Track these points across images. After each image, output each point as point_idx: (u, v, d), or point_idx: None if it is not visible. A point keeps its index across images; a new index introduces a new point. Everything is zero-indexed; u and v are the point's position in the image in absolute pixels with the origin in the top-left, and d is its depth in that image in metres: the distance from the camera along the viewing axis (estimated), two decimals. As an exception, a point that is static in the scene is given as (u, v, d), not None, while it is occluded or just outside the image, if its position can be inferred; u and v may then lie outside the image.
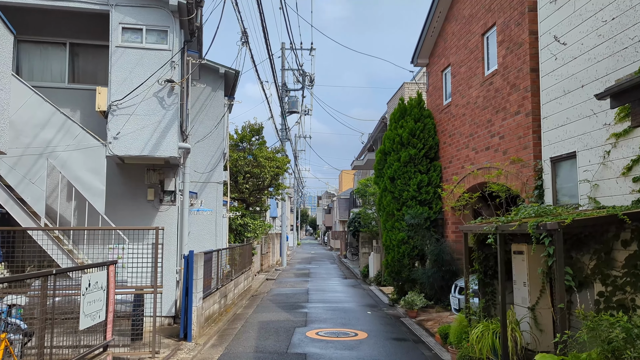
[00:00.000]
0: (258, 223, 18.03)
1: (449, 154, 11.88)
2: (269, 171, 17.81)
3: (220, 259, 11.92)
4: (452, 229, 11.86)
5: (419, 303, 11.40)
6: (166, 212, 10.17)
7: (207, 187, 14.09)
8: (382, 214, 13.14)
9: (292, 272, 24.40)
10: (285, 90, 28.84)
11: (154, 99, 9.26)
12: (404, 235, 12.12)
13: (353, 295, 15.51)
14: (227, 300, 12.17)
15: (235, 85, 15.19)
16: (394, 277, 12.71)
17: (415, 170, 12.35)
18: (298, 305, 13.25)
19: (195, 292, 8.81)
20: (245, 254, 16.67)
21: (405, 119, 12.70)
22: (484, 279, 7.19)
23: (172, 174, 10.15)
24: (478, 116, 10.24)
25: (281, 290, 16.67)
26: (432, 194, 12.19)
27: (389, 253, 12.71)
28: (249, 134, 18.53)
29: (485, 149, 9.89)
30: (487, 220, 6.94)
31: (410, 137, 12.43)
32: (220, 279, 12.00)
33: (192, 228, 13.68)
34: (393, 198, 12.57)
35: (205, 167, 14.12)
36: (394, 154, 12.63)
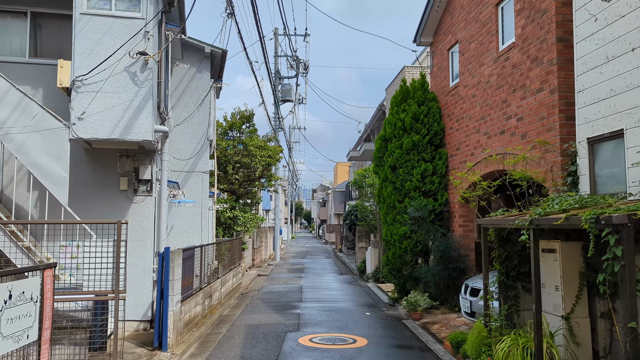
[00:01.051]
0: (249, 216, 16.93)
1: (457, 140, 10.80)
2: (260, 161, 16.67)
3: (205, 255, 10.83)
4: (459, 223, 10.81)
5: (423, 304, 10.37)
6: (142, 204, 9.05)
7: (192, 177, 12.96)
8: (382, 206, 12.07)
9: (285, 267, 23.35)
10: (279, 78, 27.67)
11: (124, 74, 8.12)
12: (406, 230, 11.06)
13: (350, 294, 14.47)
14: (212, 300, 11.09)
15: (222, 66, 14.02)
16: (395, 275, 11.67)
17: (419, 159, 11.27)
18: (290, 305, 12.19)
19: (171, 294, 7.71)
20: (235, 249, 15.59)
21: (407, 102, 11.60)
22: (506, 281, 6.14)
23: (149, 161, 9.02)
24: (491, 97, 9.17)
25: (273, 288, 15.61)
26: (437, 185, 11.13)
27: (389, 249, 11.66)
28: (239, 121, 17.37)
29: (499, 132, 8.82)
30: (514, 213, 5.89)
31: (413, 121, 11.34)
32: (205, 278, 10.92)
33: (174, 221, 12.59)
34: (394, 189, 11.49)
35: (189, 155, 12.97)
36: (395, 141, 11.54)
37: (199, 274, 10.14)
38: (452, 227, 11.05)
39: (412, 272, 11.09)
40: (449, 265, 10.20)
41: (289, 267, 23.41)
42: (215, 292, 11.55)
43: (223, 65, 14.07)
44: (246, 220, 16.91)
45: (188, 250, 9.05)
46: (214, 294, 11.34)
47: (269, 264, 24.72)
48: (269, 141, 18.14)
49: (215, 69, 13.96)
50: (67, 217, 7.75)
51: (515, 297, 6.10)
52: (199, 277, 10.12)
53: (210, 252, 12.01)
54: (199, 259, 10.12)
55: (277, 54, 27.88)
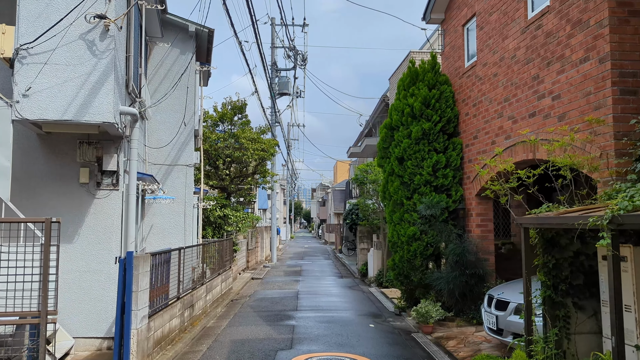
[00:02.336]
0: (241, 215, 15.56)
1: (473, 128, 9.44)
2: (252, 154, 15.29)
3: (185, 259, 9.46)
4: (476, 222, 9.45)
5: (435, 315, 9.01)
6: (106, 200, 7.67)
7: (174, 171, 11.59)
8: (387, 203, 10.70)
9: (282, 269, 21.98)
10: (275, 70, 26.30)
11: (80, 42, 6.75)
12: (415, 230, 9.69)
13: (351, 300, 13.10)
14: (194, 310, 9.72)
15: (209, 49, 12.66)
16: (402, 281, 10.30)
17: (430, 149, 9.90)
18: (284, 314, 10.82)
19: (135, 309, 6.34)
20: (225, 250, 14.22)
21: (416, 85, 10.23)
22: (554, 296, 4.78)
23: (114, 149, 7.65)
24: (517, 74, 7.80)
25: (267, 294, 14.24)
26: (450, 179, 9.76)
27: (395, 251, 10.29)
28: (230, 112, 15.99)
29: (528, 115, 7.45)
30: (564, 210, 4.52)
31: (423, 107, 9.97)
32: (185, 285, 9.55)
33: (154, 221, 11.23)
34: (402, 183, 10.12)
35: (171, 146, 11.61)
36: (403, 129, 10.17)
37: (177, 280, 8.77)
38: (468, 227, 9.68)
39: (422, 279, 9.72)
40: (465, 271, 8.84)
41: (286, 269, 22.04)
42: (198, 300, 10.18)
43: (210, 48, 12.71)
44: (238, 220, 15.54)
45: (160, 254, 7.68)
46: (196, 303, 9.97)
47: (264, 266, 23.36)
48: (262, 133, 16.76)
49: (202, 51, 12.61)
50: (9, 215, 6.39)
51: (566, 318, 4.75)
52: (177, 284, 8.76)
53: (192, 255, 10.64)
54: (176, 263, 8.75)
55: (273, 44, 26.50)
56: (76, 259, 7.44)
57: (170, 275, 8.29)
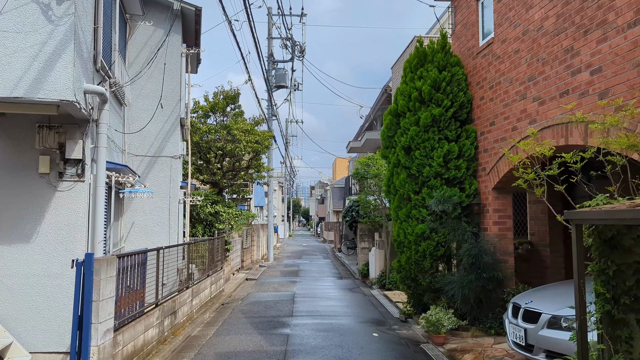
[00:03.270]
0: (233, 212, 14.52)
1: (490, 113, 8.41)
2: (245, 147, 14.24)
3: (166, 260, 8.43)
4: (493, 219, 8.43)
5: (448, 323, 8.00)
6: (69, 193, 6.62)
7: (157, 163, 10.56)
8: (392, 198, 9.67)
9: (278, 269, 20.97)
10: (272, 62, 25.27)
11: (33, 6, 5.70)
12: (424, 228, 8.67)
13: (352, 305, 12.08)
14: (177, 318, 8.69)
15: (198, 30, 11.62)
16: (409, 285, 9.28)
17: (441, 137, 8.88)
18: (278, 321, 9.80)
19: (96, 322, 5.31)
20: (216, 250, 13.20)
21: (425, 67, 9.20)
22: (614, 311, 3.75)
23: (80, 135, 6.61)
24: (545, 48, 6.77)
25: (261, 296, 13.22)
26: (464, 170, 8.74)
27: (402, 252, 9.27)
28: (222, 102, 14.93)
29: (559, 95, 6.43)
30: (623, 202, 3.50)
31: (433, 91, 8.94)
32: (166, 289, 8.54)
33: (135, 218, 10.20)
34: (409, 176, 9.10)
35: (154, 136, 10.57)
36: (410, 115, 9.14)
37: (155, 285, 7.75)
38: (483, 225, 8.66)
39: (432, 283, 8.70)
40: (482, 274, 7.82)
41: (283, 269, 21.03)
42: (182, 306, 9.16)
43: (198, 29, 11.67)
44: (230, 217, 14.50)
45: (132, 256, 6.64)
46: (180, 309, 8.94)
47: (260, 266, 22.35)
48: (257, 125, 15.70)
49: (189, 32, 11.57)
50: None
51: (629, 340, 3.73)
52: (155, 289, 7.73)
53: (177, 256, 9.63)
54: (154, 265, 7.72)
55: (270, 35, 25.47)
56: (34, 262, 6.40)
57: (146, 280, 7.25)
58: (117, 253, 7.19)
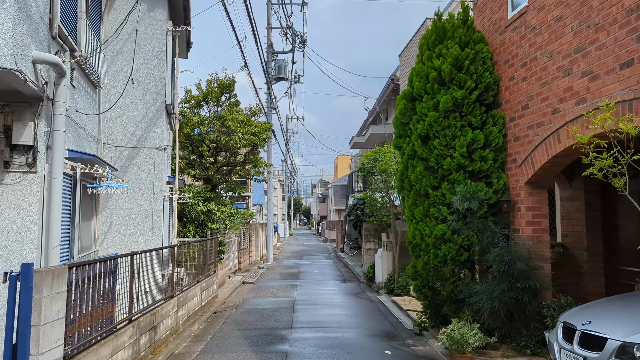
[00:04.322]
0: (228, 210, 13.32)
1: (523, 95, 7.19)
2: (241, 139, 13.03)
3: (143, 266, 7.23)
4: (526, 219, 7.22)
5: (474, 341, 6.81)
6: (17, 186, 5.43)
7: (139, 156, 9.37)
8: (406, 194, 8.46)
9: (278, 271, 19.77)
10: (272, 53, 24.05)
11: (-40, -53, 4.50)
12: (444, 229, 7.46)
13: (358, 313, 10.87)
14: (157, 333, 7.50)
15: (187, 7, 10.42)
16: (426, 294, 8.08)
17: (463, 124, 7.67)
18: (276, 335, 8.60)
19: (36, 352, 4.09)
20: (208, 252, 12.00)
21: (445, 43, 7.99)
22: None
23: (30, 116, 5.42)
24: (599, 10, 5.55)
25: (257, 303, 12.02)
26: (490, 162, 7.53)
27: (418, 256, 8.06)
28: (216, 91, 13.72)
29: (619, 66, 5.21)
30: None
31: (454, 70, 7.73)
32: (147, 300, 7.34)
33: (114, 217, 9.03)
34: (426, 169, 7.89)
35: (135, 124, 9.38)
36: (427, 99, 7.93)
37: (129, 297, 6.55)
38: (514, 225, 7.45)
39: (454, 292, 7.50)
40: (516, 284, 6.62)
41: (283, 271, 19.83)
42: (165, 318, 7.96)
43: (187, 5, 10.48)
44: (225, 216, 13.30)
45: (94, 264, 5.43)
46: (161, 323, 7.75)
47: (259, 267, 21.16)
48: (253, 115, 14.48)
49: (176, 9, 10.39)
50: None
51: None
52: (129, 301, 6.53)
53: (160, 261, 8.44)
54: (128, 274, 6.52)
55: (270, 25, 24.23)
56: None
57: (115, 291, 6.05)
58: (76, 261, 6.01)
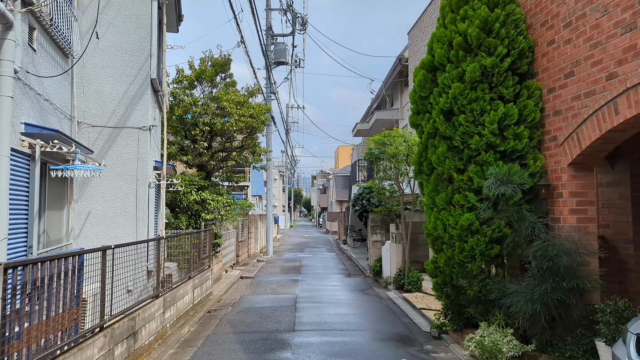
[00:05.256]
0: (223, 200, 12.26)
1: (566, 60, 6.10)
2: (237, 121, 11.94)
3: (119, 263, 6.19)
4: (570, 206, 6.15)
5: (508, 349, 5.82)
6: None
7: (121, 137, 8.30)
8: (425, 179, 7.40)
9: (278, 264, 18.78)
10: (271, 36, 22.89)
11: None
12: (471, 219, 6.40)
13: (367, 312, 9.86)
14: (137, 340, 6.46)
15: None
16: (448, 294, 7.05)
17: (493, 97, 6.60)
18: (276, 339, 7.58)
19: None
20: (202, 245, 10.96)
21: (471, 4, 6.89)
22: None
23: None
24: (678, -55, 4.45)
25: (256, 301, 11.01)
26: (526, 141, 6.45)
27: (439, 250, 7.01)
28: (210, 70, 12.61)
29: None
30: None
31: (482, 35, 6.64)
32: (131, 298, 6.31)
33: (92, 206, 7.99)
34: (450, 149, 6.82)
35: (116, 101, 8.30)
36: (451, 68, 6.84)
37: (101, 299, 5.51)
38: (553, 214, 6.38)
39: (483, 291, 6.46)
40: (561, 282, 5.57)
41: (283, 264, 18.83)
42: (148, 322, 6.93)
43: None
44: (220, 206, 12.25)
45: (46, 262, 4.37)
46: (143, 328, 6.72)
47: (258, 260, 20.18)
48: (251, 96, 13.36)
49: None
50: None
51: None
52: (101, 305, 5.49)
53: (145, 255, 7.41)
54: (99, 272, 5.47)
55: (269, 6, 23.05)
56: None
57: (81, 293, 5.01)
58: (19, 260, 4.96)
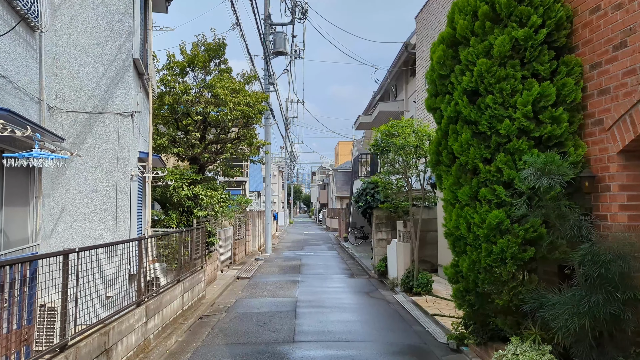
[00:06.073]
0: (218, 195, 11.33)
1: (616, 29, 5.17)
2: (232, 110, 11.00)
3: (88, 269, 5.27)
4: (619, 201, 5.23)
5: (546, 371, 4.89)
6: None
7: (99, 124, 7.37)
8: (444, 171, 6.48)
9: (277, 263, 17.88)
10: (270, 26, 21.94)
11: None
12: (501, 216, 5.49)
13: (375, 319, 8.96)
14: (112, 358, 5.54)
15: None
16: (471, 302, 6.15)
17: (526, 75, 5.67)
18: (273, 352, 6.68)
19: None
20: (194, 245, 10.04)
21: (498, -32, 5.95)
22: None
23: None
24: None
25: (252, 305, 10.10)
26: (565, 125, 5.53)
27: (461, 252, 6.11)
28: (203, 55, 11.66)
29: None
30: None
31: (513, 2, 5.71)
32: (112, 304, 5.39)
33: (66, 201, 7.08)
34: (475, 135, 5.90)
35: (94, 83, 7.37)
36: (476, 42, 5.91)
37: (63, 313, 4.59)
38: (599, 211, 5.45)
39: (514, 301, 5.55)
40: (615, 293, 4.66)
41: (282, 263, 17.93)
42: (125, 336, 6.02)
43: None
44: (214, 202, 11.33)
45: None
46: (120, 343, 5.80)
47: (256, 259, 19.28)
48: (247, 83, 12.41)
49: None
50: None
51: None
52: (61, 320, 4.57)
53: (127, 258, 6.49)
54: (60, 281, 4.55)
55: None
56: None
57: (34, 308, 4.09)
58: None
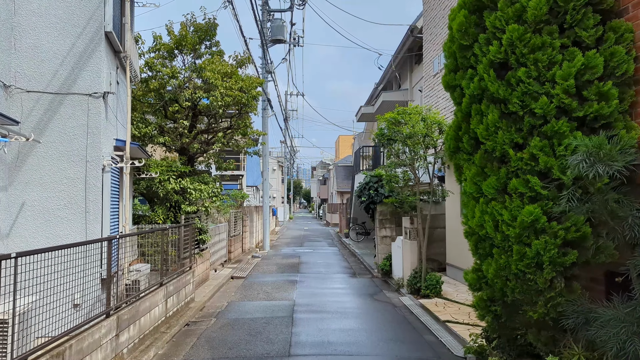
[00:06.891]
0: (208, 189, 10.40)
1: (682, -17, 4.21)
2: (223, 95, 10.04)
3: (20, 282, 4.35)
4: (684, 195, 4.29)
5: (595, 401, 3.96)
6: None
7: (65, 106, 6.42)
8: (465, 159, 5.54)
9: (274, 261, 16.98)
10: (267, 12, 20.94)
11: None
12: (537, 213, 4.56)
13: (380, 327, 8.04)
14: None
15: None
16: (498, 314, 5.22)
17: (566, 43, 4.72)
18: (265, 370, 5.78)
19: None
20: (181, 243, 9.13)
21: None
22: None
23: None
24: None
25: (245, 310, 9.19)
26: (615, 103, 4.59)
27: (487, 255, 5.18)
28: (192, 37, 10.70)
29: None
30: None
31: (550, -44, 4.75)
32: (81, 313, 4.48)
33: (27, 195, 6.16)
34: (504, 116, 4.96)
35: (59, 60, 6.42)
36: (505, 5, 4.96)
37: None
38: (656, 206, 4.52)
39: (551, 314, 4.63)
40: (687, 309, 3.73)
41: (280, 261, 17.03)
42: (90, 354, 5.09)
43: None
44: (204, 196, 10.40)
45: None
46: (82, 362, 4.89)
47: (253, 256, 18.39)
48: (240, 66, 11.44)
49: None
50: None
51: None
52: None
53: (91, 262, 5.58)
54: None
55: (264, -22, 21.04)
56: None
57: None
58: None
